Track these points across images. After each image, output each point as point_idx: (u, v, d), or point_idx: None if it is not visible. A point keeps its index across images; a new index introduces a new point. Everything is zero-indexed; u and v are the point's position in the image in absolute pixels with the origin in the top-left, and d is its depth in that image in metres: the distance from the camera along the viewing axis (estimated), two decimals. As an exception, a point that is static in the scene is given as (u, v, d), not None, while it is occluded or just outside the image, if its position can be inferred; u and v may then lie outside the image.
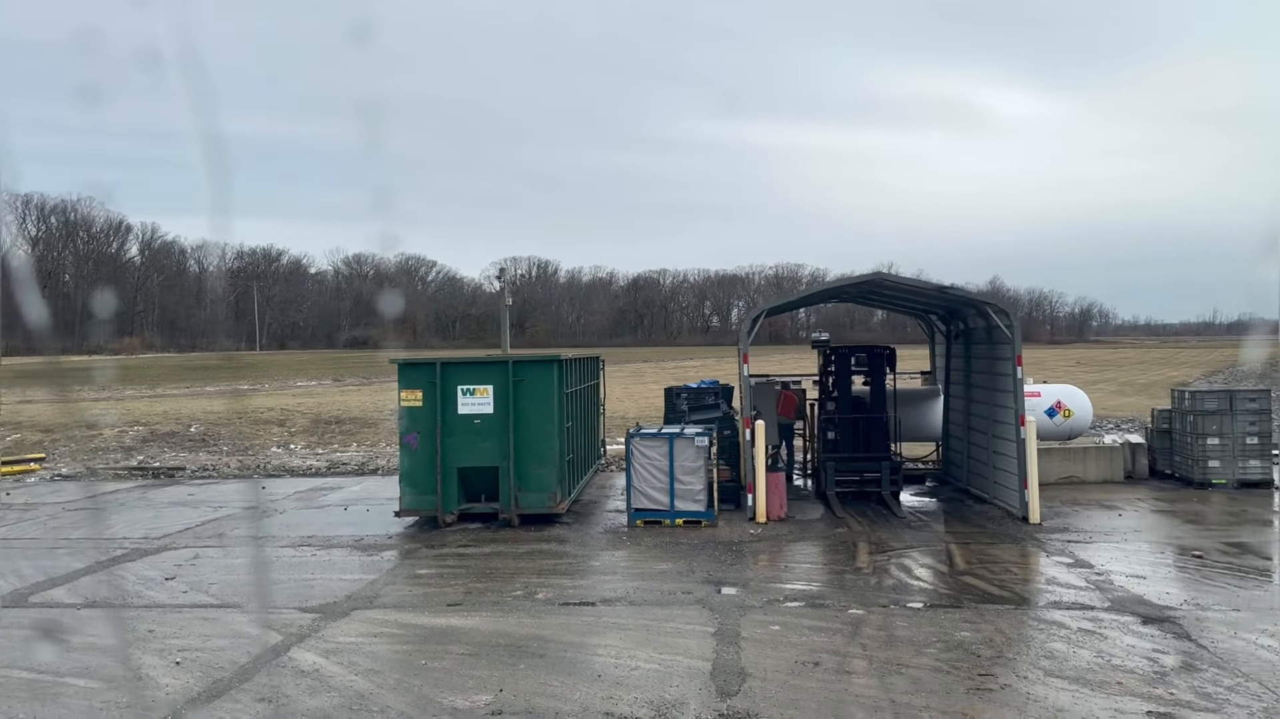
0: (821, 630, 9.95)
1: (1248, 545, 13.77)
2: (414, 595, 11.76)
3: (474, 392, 16.07)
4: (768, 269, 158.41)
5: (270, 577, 12.69)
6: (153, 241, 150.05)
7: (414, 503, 16.05)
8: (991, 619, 10.27)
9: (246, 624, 10.42)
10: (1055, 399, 20.86)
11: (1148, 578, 11.95)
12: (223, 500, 19.32)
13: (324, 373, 59.11)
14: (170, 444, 29.60)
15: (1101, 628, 9.90)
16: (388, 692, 8.32)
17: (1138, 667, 8.69)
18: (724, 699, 8.02)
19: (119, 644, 9.81)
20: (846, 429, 18.55)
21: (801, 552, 14.01)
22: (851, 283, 19.22)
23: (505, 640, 9.75)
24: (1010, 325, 16.06)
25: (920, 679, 8.46)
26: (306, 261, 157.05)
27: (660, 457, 15.92)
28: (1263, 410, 18.51)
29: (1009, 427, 16.08)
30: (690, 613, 10.68)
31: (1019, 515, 15.56)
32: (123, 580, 12.64)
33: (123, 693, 8.39)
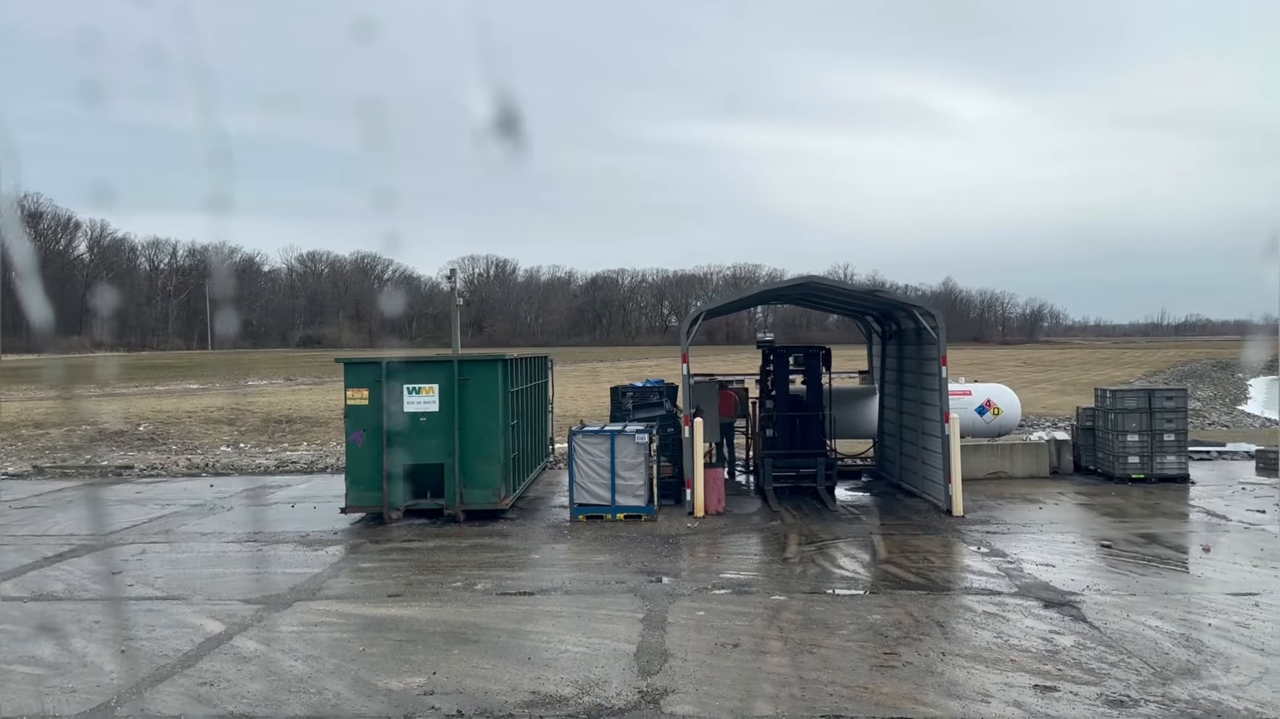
0: (744, 615, 10.51)
1: (1156, 536, 14.56)
2: (356, 587, 12.15)
3: (420, 390, 16.45)
4: (726, 269, 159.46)
5: (216, 571, 12.99)
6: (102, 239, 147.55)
7: (360, 499, 16.40)
8: (904, 604, 10.89)
9: (190, 615, 10.75)
10: (985, 398, 21.68)
11: (1056, 566, 12.66)
12: (170, 498, 19.49)
13: (276, 372, 58.86)
14: (119, 443, 29.56)
15: (1005, 611, 10.57)
16: (326, 675, 8.74)
17: (1032, 646, 9.35)
18: (645, 678, 8.54)
19: (65, 634, 10.10)
20: (784, 427, 19.17)
21: (735, 544, 14.58)
22: (787, 285, 19.88)
23: (442, 628, 10.19)
24: (936, 327, 16.77)
25: (829, 658, 9.04)
26: (260, 259, 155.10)
27: (602, 453, 16.41)
28: (1179, 409, 19.43)
29: (935, 424, 16.79)
30: (622, 601, 11.19)
31: (944, 509, 16.27)
32: (69, 575, 12.87)
33: (69, 679, 8.71)
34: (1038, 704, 7.82)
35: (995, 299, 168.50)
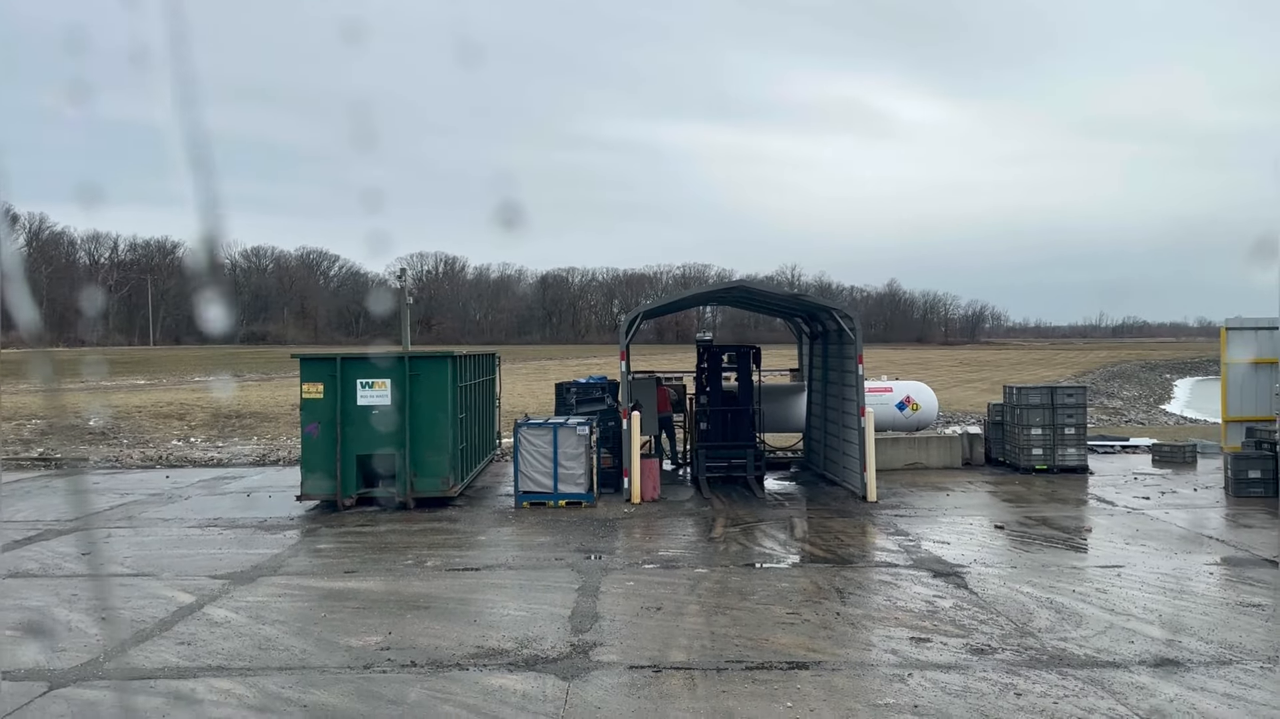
0: (669, 585, 11.74)
1: (1047, 519, 16.08)
2: (314, 565, 13.17)
3: (373, 385, 17.44)
4: (675, 269, 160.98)
5: (181, 552, 13.91)
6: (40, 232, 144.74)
7: (314, 488, 17.35)
8: (811, 575, 12.21)
9: (162, 589, 11.70)
10: (905, 394, 23.19)
11: (951, 544, 14.08)
12: (128, 488, 20.23)
13: (223, 368, 58.97)
14: (71, 436, 29.99)
15: (899, 580, 11.93)
16: (291, 636, 9.79)
17: (916, 607, 10.70)
18: (577, 634, 9.72)
19: (46, 605, 11.01)
20: (717, 420, 20.45)
21: (666, 526, 15.81)
22: (722, 288, 21.25)
23: (395, 598, 11.28)
24: (854, 328, 18.17)
25: (739, 618, 10.31)
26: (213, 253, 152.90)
27: (545, 444, 17.54)
28: (1079, 405, 21.08)
29: (853, 417, 18.18)
30: (560, 575, 12.35)
31: (860, 495, 17.67)
32: (41, 556, 13.70)
33: (57, 641, 9.66)
34: (910, 652, 9.14)
35: (938, 300, 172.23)
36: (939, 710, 7.65)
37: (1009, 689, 8.11)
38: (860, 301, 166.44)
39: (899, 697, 7.96)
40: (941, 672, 8.56)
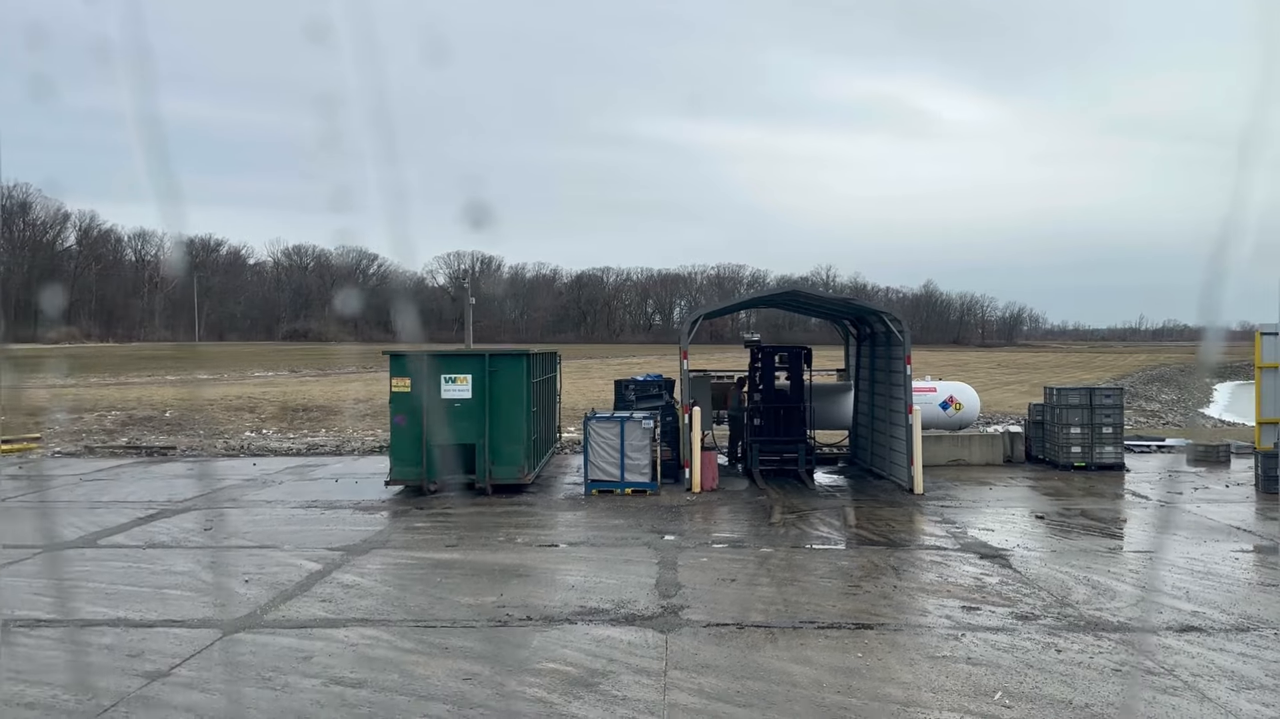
0: (738, 561, 13.03)
1: (1085, 511, 17.18)
2: (416, 540, 14.60)
3: (455, 380, 18.87)
4: (710, 269, 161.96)
5: (292, 528, 15.40)
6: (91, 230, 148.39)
7: (401, 473, 18.82)
8: (868, 555, 13.45)
9: (288, 558, 13.17)
10: (948, 394, 24.32)
11: (996, 531, 15.24)
12: (223, 474, 21.84)
13: (279, 364, 60.95)
14: (149, 428, 31.79)
15: (948, 560, 13.14)
16: (415, 596, 11.20)
17: (965, 582, 11.91)
18: (664, 599, 11.04)
19: (192, 570, 12.51)
20: (770, 417, 21.71)
21: (728, 513, 17.10)
22: (776, 293, 22.42)
23: (497, 568, 12.66)
24: (902, 331, 19.34)
25: (807, 587, 11.58)
26: (246, 252, 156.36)
27: (613, 436, 18.89)
28: (1116, 405, 22.09)
29: (901, 415, 19.36)
30: (639, 551, 13.68)
31: (907, 488, 18.84)
32: (167, 530, 15.25)
33: (213, 597, 11.14)
34: (963, 617, 10.37)
35: (975, 302, 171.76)
36: (990, 661, 8.88)
37: (1050, 647, 9.32)
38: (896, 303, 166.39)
39: (954, 651, 9.20)
40: (990, 633, 9.79)
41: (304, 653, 9.10)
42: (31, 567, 12.81)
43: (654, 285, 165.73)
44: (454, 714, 7.60)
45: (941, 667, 8.76)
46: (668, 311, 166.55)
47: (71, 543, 14.32)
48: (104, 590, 11.45)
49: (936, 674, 8.55)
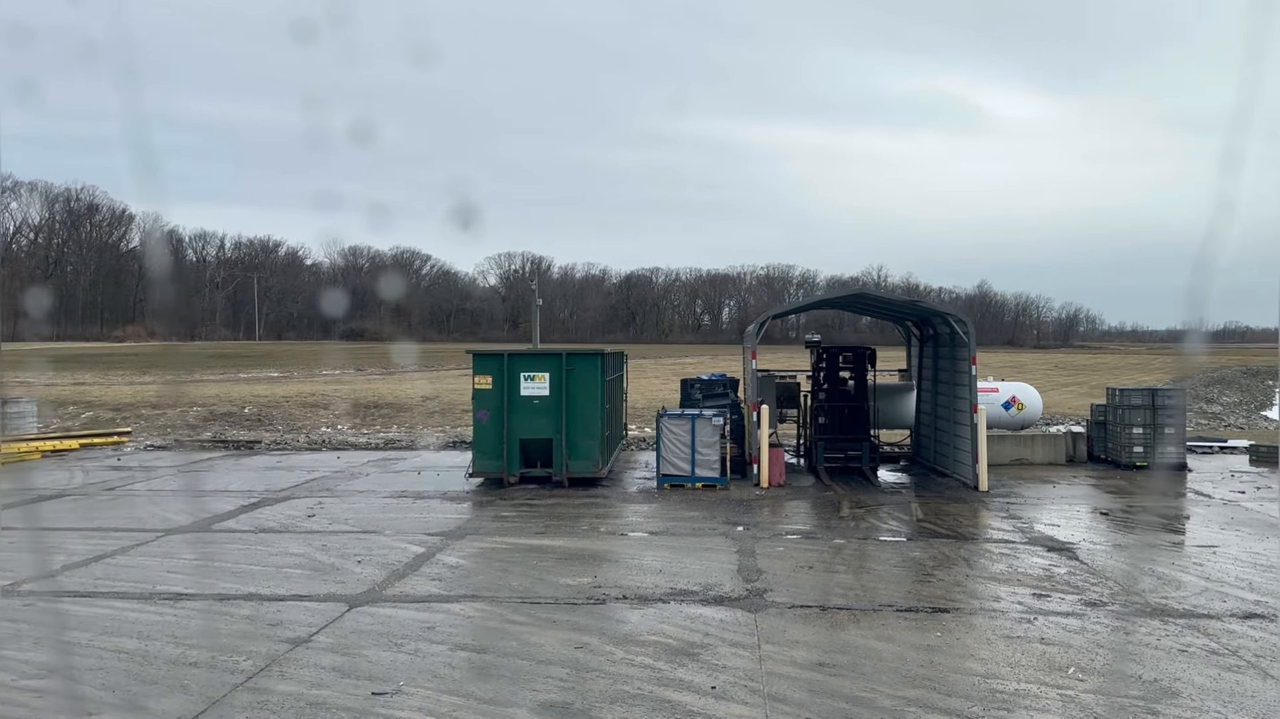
0: (813, 551, 13.73)
1: (1147, 508, 17.59)
2: (506, 528, 15.48)
3: (534, 378, 19.77)
4: (759, 269, 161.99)
5: (389, 515, 16.37)
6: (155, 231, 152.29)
7: (483, 466, 19.76)
8: (938, 547, 14.06)
9: (392, 542, 14.12)
10: (1011, 394, 24.73)
11: (1061, 526, 15.75)
12: (310, 466, 22.97)
13: (344, 363, 62.59)
14: (230, 423, 33.19)
15: (1016, 552, 13.70)
16: (515, 576, 12.06)
17: (1034, 573, 12.48)
18: (748, 583, 11.78)
19: (306, 552, 13.50)
20: (834, 415, 22.33)
21: (797, 506, 17.78)
22: (842, 295, 23.00)
23: (587, 553, 13.49)
24: (967, 332, 19.86)
25: (882, 575, 12.25)
26: (303, 253, 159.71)
27: (684, 433, 19.65)
28: (1178, 407, 22.38)
29: (966, 414, 19.87)
30: (716, 540, 14.43)
31: (971, 485, 19.36)
32: (273, 517, 16.31)
33: (332, 575, 12.10)
34: (1034, 603, 10.98)
35: (1030, 303, 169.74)
36: (1062, 642, 9.50)
37: (1119, 630, 9.91)
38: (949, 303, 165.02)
39: (1028, 632, 9.83)
40: (1061, 617, 10.39)
41: (427, 623, 9.99)
42: (158, 548, 13.90)
43: (703, 286, 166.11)
44: (573, 676, 8.41)
45: (1017, 646, 9.39)
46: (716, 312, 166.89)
47: (188, 528, 15.43)
48: (230, 569, 12.47)
49: (1012, 652, 9.19)
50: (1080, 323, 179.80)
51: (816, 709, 7.69)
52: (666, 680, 8.33)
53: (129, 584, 11.73)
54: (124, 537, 14.53)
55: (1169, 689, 8.19)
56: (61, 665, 8.72)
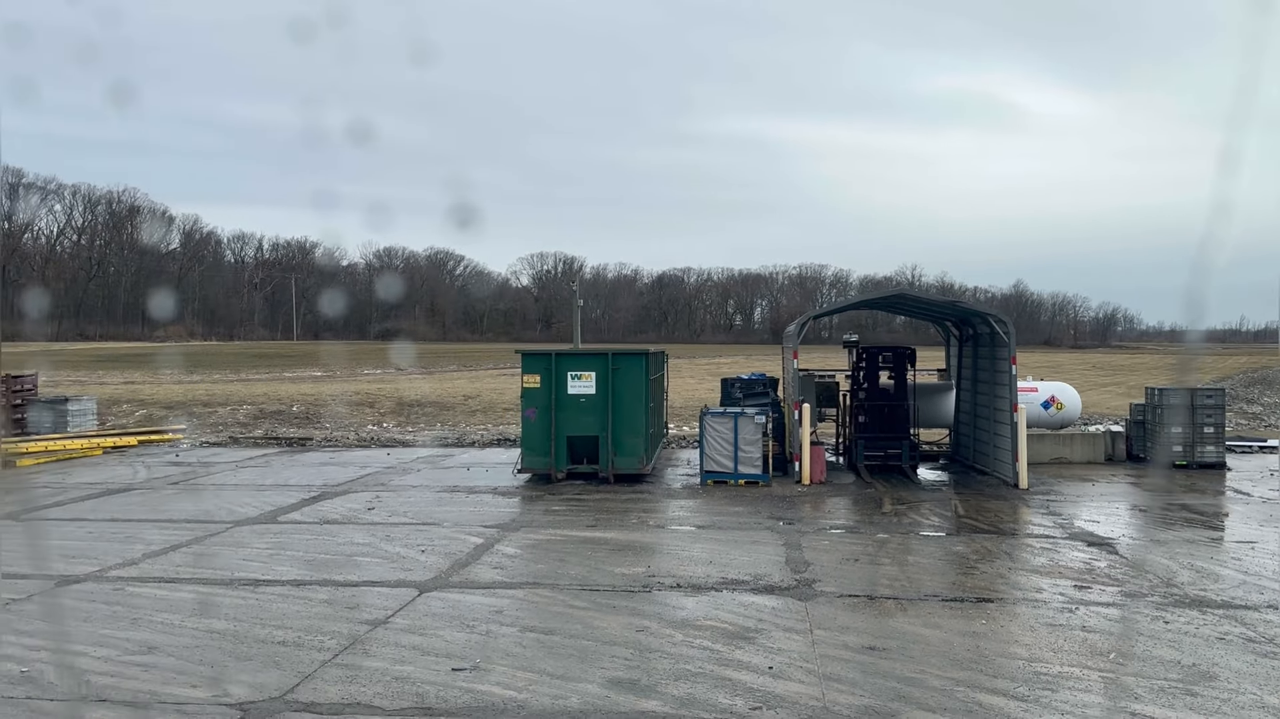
0: (858, 544, 14.16)
1: (1186, 505, 17.83)
2: (558, 520, 16.05)
3: (580, 377, 20.33)
4: (791, 269, 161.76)
5: (444, 509, 17.00)
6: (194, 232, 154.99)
7: (531, 463, 20.35)
8: (980, 541, 14.44)
9: (451, 533, 14.73)
10: (1050, 394, 24.95)
11: (1100, 522, 16.06)
12: (363, 462, 23.69)
13: (384, 362, 63.60)
14: (279, 421, 34.06)
15: (1057, 547, 14.06)
16: (572, 565, 12.61)
17: (1075, 566, 12.84)
18: (796, 574, 12.24)
19: (371, 542, 14.13)
20: (874, 414, 22.70)
21: (839, 502, 18.20)
22: (882, 296, 23.36)
23: (638, 545, 14.02)
24: (1007, 332, 20.16)
25: (926, 567, 12.67)
26: (339, 255, 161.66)
27: (727, 430, 20.12)
28: (1218, 405, 22.52)
29: (1005, 413, 20.18)
30: (763, 534, 14.90)
31: (1011, 483, 19.67)
32: (335, 509, 16.99)
33: (399, 563, 12.71)
34: (1076, 594, 11.36)
35: (1067, 302, 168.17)
36: (1103, 629, 9.89)
37: (1159, 619, 10.27)
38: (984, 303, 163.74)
39: (1069, 621, 10.22)
40: (1102, 607, 10.77)
41: (494, 608, 10.56)
42: (230, 538, 14.60)
43: (734, 285, 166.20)
44: (637, 656, 8.94)
45: (1059, 633, 9.80)
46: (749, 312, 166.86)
47: (255, 519, 16.13)
48: (302, 558, 13.13)
49: (1055, 638, 9.60)
50: (1118, 322, 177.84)
51: (870, 688, 8.16)
52: (725, 661, 8.83)
53: (209, 571, 12.42)
54: (196, 528, 15.26)
55: (1207, 673, 8.57)
56: (161, 643, 9.37)
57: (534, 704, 7.77)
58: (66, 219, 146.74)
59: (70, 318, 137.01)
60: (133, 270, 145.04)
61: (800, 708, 7.71)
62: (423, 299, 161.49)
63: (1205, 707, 7.78)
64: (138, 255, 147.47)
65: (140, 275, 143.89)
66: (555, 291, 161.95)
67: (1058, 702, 7.88)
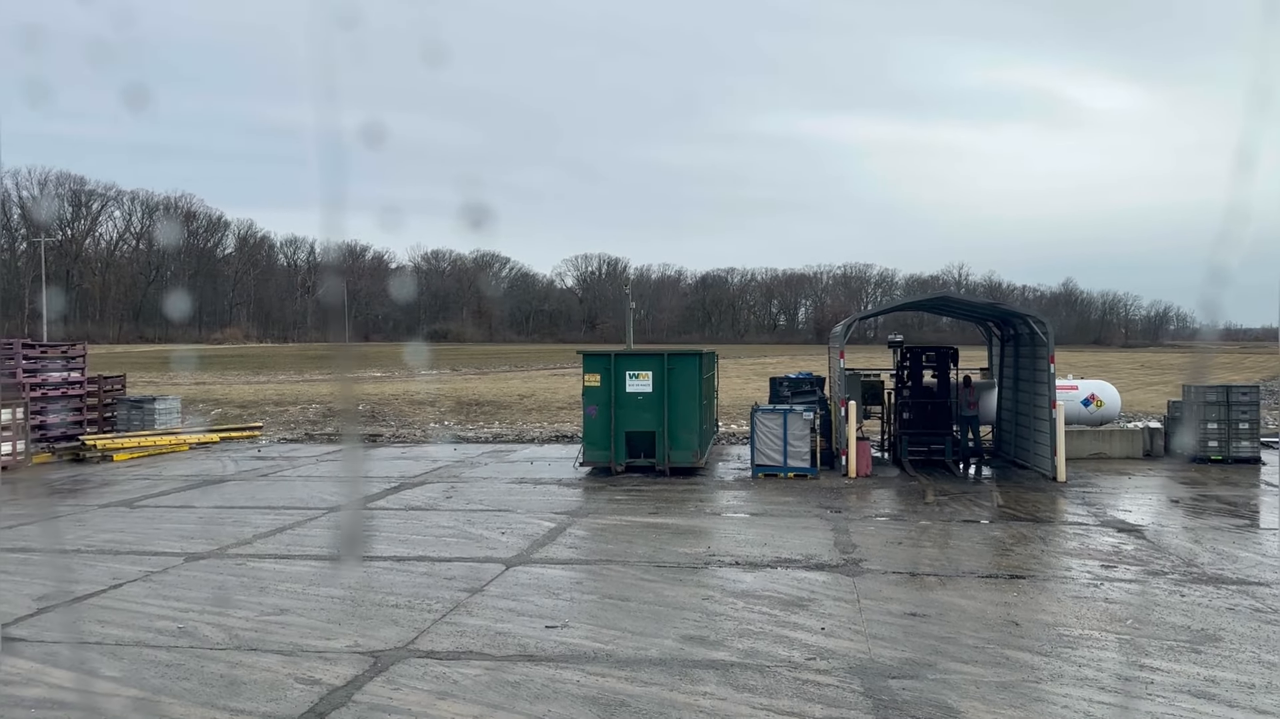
0: (901, 529, 15.31)
1: (1217, 496, 18.69)
2: (621, 508, 17.37)
3: (638, 376, 21.64)
4: (835, 269, 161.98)
5: (516, 498, 18.39)
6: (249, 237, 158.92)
7: (592, 456, 21.71)
8: (1016, 528, 15.51)
9: (524, 518, 16.10)
10: (1090, 392, 25.81)
11: (1133, 512, 17.03)
12: (432, 457, 25.22)
13: (440, 363, 65.51)
14: (350, 418, 35.77)
15: (1089, 533, 15.09)
16: (639, 545, 13.91)
17: (1104, 549, 13.89)
18: (844, 554, 13.43)
19: (455, 525, 15.56)
20: (918, 411, 23.75)
21: (884, 494, 19.32)
22: (928, 298, 24.49)
23: (696, 529, 15.29)
24: (1046, 332, 21.13)
25: (964, 549, 13.80)
26: (388, 257, 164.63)
27: (777, 426, 21.32)
28: (1253, 402, 23.26)
29: (1044, 410, 21.14)
30: (812, 521, 16.09)
31: (1050, 476, 20.63)
32: (416, 498, 18.46)
33: (483, 543, 14.10)
34: (1101, 572, 12.43)
35: (1118, 301, 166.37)
36: (1124, 601, 10.98)
37: (1175, 593, 11.33)
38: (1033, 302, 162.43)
39: (1094, 594, 11.31)
40: (1125, 583, 11.84)
41: (574, 579, 11.90)
42: (327, 522, 16.11)
43: (779, 285, 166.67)
44: (705, 619, 10.21)
45: (1083, 604, 10.90)
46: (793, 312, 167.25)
47: (346, 507, 17.64)
48: (396, 538, 14.57)
49: (1079, 608, 10.71)
50: (1170, 321, 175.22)
51: (910, 644, 9.36)
52: (783, 623, 10.08)
53: (316, 549, 13.90)
54: (294, 513, 16.79)
55: (1213, 636, 9.65)
56: (291, 606, 10.82)
57: (620, 654, 9.08)
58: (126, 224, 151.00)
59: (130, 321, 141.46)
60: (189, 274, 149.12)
61: (849, 659, 8.93)
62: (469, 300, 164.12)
63: (1207, 662, 8.87)
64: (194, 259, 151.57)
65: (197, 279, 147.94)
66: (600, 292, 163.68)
67: (1076, 657, 9.02)
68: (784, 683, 8.28)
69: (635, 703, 7.83)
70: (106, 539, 14.75)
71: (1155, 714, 7.63)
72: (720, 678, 8.40)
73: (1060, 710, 7.68)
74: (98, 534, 15.16)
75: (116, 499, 18.59)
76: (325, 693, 8.09)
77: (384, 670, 8.64)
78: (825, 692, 8.08)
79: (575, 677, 8.44)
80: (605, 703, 7.82)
